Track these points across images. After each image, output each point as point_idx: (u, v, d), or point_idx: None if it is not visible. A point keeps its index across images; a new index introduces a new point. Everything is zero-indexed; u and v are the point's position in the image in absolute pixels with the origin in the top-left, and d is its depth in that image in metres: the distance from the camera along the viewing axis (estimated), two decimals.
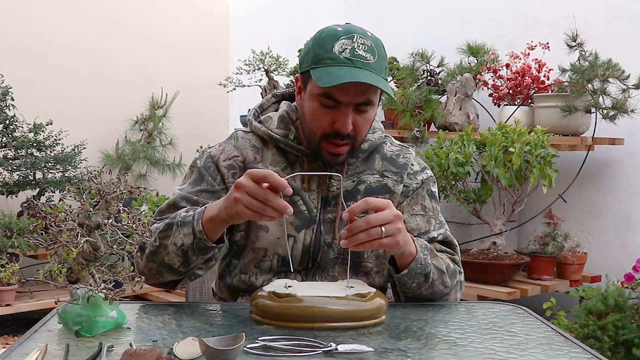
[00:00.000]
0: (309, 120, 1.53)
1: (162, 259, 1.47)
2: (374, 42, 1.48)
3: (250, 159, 1.59)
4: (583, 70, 2.99)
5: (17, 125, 3.90)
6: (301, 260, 1.56)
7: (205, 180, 1.58)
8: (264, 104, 1.68)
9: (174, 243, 1.44)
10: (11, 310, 3.65)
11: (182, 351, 1.10)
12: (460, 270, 1.61)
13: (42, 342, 1.18)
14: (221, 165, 1.58)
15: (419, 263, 1.47)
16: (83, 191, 1.23)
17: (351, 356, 1.13)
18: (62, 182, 3.93)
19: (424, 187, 1.64)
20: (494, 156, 2.85)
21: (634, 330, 2.55)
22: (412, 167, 1.65)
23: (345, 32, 1.46)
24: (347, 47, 1.44)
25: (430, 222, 1.63)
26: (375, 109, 1.54)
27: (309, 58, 1.49)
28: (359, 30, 1.48)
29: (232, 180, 1.56)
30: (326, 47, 1.45)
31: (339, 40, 1.45)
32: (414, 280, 1.49)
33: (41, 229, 1.24)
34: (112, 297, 1.20)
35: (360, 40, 1.45)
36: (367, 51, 1.45)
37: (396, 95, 3.57)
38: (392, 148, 1.67)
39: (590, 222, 3.41)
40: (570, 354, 1.18)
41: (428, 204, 1.64)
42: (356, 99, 1.47)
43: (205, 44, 5.15)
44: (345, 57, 1.44)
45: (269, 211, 1.31)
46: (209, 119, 5.03)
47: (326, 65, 1.45)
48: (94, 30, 4.63)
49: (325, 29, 1.50)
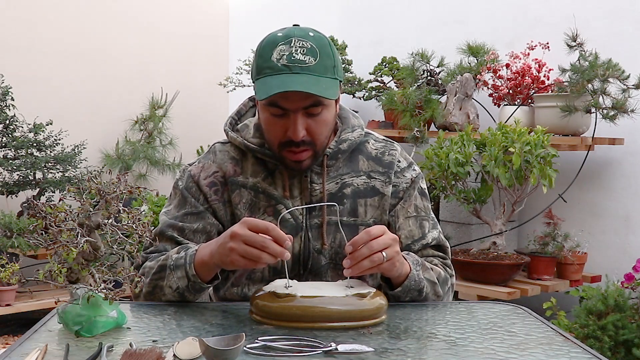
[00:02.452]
0: (265, 130, 1.52)
1: (160, 299, 1.48)
2: (315, 42, 1.44)
3: (230, 173, 1.57)
4: (583, 70, 2.99)
5: (17, 125, 3.90)
6: (292, 268, 1.55)
7: (189, 203, 1.57)
8: (241, 110, 1.66)
9: (169, 286, 1.45)
10: (11, 310, 3.65)
11: (182, 351, 1.10)
12: (452, 273, 1.62)
13: (42, 342, 1.18)
14: (202, 184, 1.57)
15: (413, 280, 1.48)
16: (83, 191, 1.23)
17: (351, 356, 1.13)
18: (62, 182, 3.93)
19: (414, 186, 1.62)
20: (494, 156, 2.85)
21: (634, 330, 2.55)
22: (399, 164, 1.62)
23: (283, 38, 1.44)
24: (284, 53, 1.42)
25: (424, 225, 1.62)
26: (331, 108, 1.50)
27: (253, 70, 1.50)
28: (299, 33, 1.44)
29: (215, 197, 1.56)
30: (265, 56, 1.44)
31: (277, 47, 1.43)
32: (408, 295, 1.50)
33: (41, 229, 1.24)
34: (112, 297, 1.20)
35: (299, 43, 1.42)
36: (307, 54, 1.42)
37: (396, 95, 3.57)
38: (375, 145, 1.63)
39: (590, 222, 3.41)
40: (570, 354, 1.18)
41: (420, 204, 1.63)
42: (302, 104, 1.43)
43: (205, 44, 5.15)
44: (283, 64, 1.41)
45: (265, 258, 1.30)
46: (209, 119, 5.03)
47: (265, 76, 1.43)
48: (94, 30, 4.63)
49: (266, 37, 1.48)
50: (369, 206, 1.58)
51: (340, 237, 1.54)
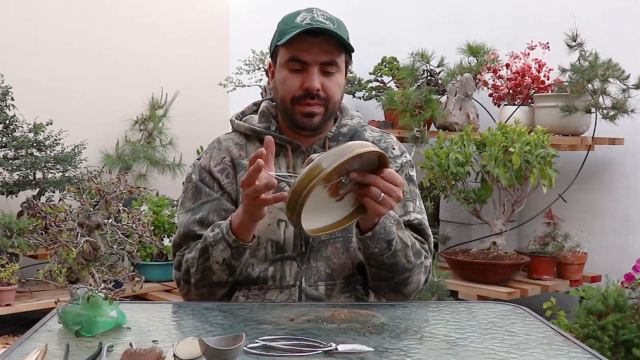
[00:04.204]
0: (280, 89, 1.62)
1: (211, 280, 1.56)
2: (334, 17, 1.60)
3: (236, 156, 1.67)
4: (583, 70, 2.99)
5: (17, 125, 3.90)
6: (294, 244, 1.61)
7: (204, 192, 1.65)
8: (245, 111, 1.77)
9: (216, 262, 1.53)
10: (11, 310, 3.65)
11: (182, 351, 1.10)
12: (427, 255, 1.63)
13: (42, 342, 1.18)
14: (214, 171, 1.66)
15: (383, 229, 1.50)
16: (83, 191, 1.23)
17: (351, 356, 1.14)
18: (62, 182, 3.93)
19: (402, 170, 1.70)
20: (494, 156, 2.85)
21: (634, 330, 2.55)
22: (393, 151, 1.72)
23: (305, 9, 1.60)
24: (307, 17, 1.57)
25: (407, 205, 1.66)
26: (343, 75, 1.64)
27: (275, 37, 1.63)
28: (319, 9, 1.61)
29: (227, 180, 1.65)
30: (289, 21, 1.59)
31: (300, 14, 1.59)
32: (377, 245, 1.50)
33: (41, 229, 1.24)
34: (112, 297, 1.20)
35: (320, 12, 1.59)
36: (327, 19, 1.58)
37: (396, 95, 3.57)
38: (373, 134, 1.74)
39: (590, 222, 3.41)
40: (570, 354, 1.18)
41: (406, 188, 1.67)
42: (320, 58, 1.57)
43: (205, 44, 5.15)
44: (306, 23, 1.56)
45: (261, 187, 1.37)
46: (209, 119, 5.03)
47: (289, 32, 1.56)
48: (94, 30, 4.63)
49: (289, 13, 1.63)
50: None
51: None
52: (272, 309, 1.45)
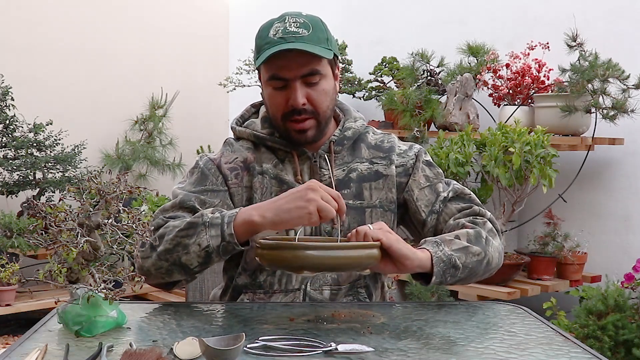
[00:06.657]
0: (269, 106, 1.61)
1: (178, 259, 1.45)
2: (308, 19, 1.56)
3: (251, 159, 1.63)
4: (583, 70, 2.99)
5: (17, 125, 3.90)
6: None
7: (209, 180, 1.61)
8: (244, 115, 1.74)
9: (197, 243, 1.43)
10: (11, 310, 3.65)
11: (182, 351, 1.10)
12: (484, 221, 1.62)
13: (42, 342, 1.18)
14: (223, 167, 1.62)
15: (441, 261, 1.46)
16: (83, 191, 1.23)
17: (351, 356, 1.14)
18: (62, 182, 3.93)
19: (419, 159, 1.69)
20: (494, 156, 2.85)
21: (634, 330, 2.55)
22: (400, 147, 1.71)
23: (278, 18, 1.56)
24: (279, 28, 1.53)
25: (438, 188, 1.66)
26: (330, 78, 1.59)
27: (255, 53, 1.60)
28: (293, 13, 1.57)
29: (234, 181, 1.61)
30: (263, 35, 1.56)
31: (272, 26, 1.55)
32: (446, 276, 1.48)
33: (41, 229, 1.24)
34: (112, 297, 1.20)
35: (292, 20, 1.54)
36: (300, 27, 1.53)
37: (396, 95, 3.57)
38: (375, 136, 1.72)
39: (590, 222, 3.41)
40: (570, 354, 1.18)
41: (429, 173, 1.68)
42: (300, 72, 1.53)
43: (205, 44, 5.15)
44: (279, 37, 1.52)
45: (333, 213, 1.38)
46: (209, 119, 5.03)
47: (264, 50, 1.53)
48: (94, 30, 4.63)
49: (264, 23, 1.59)
50: (374, 189, 1.64)
51: (349, 219, 1.59)
52: (272, 309, 1.45)
